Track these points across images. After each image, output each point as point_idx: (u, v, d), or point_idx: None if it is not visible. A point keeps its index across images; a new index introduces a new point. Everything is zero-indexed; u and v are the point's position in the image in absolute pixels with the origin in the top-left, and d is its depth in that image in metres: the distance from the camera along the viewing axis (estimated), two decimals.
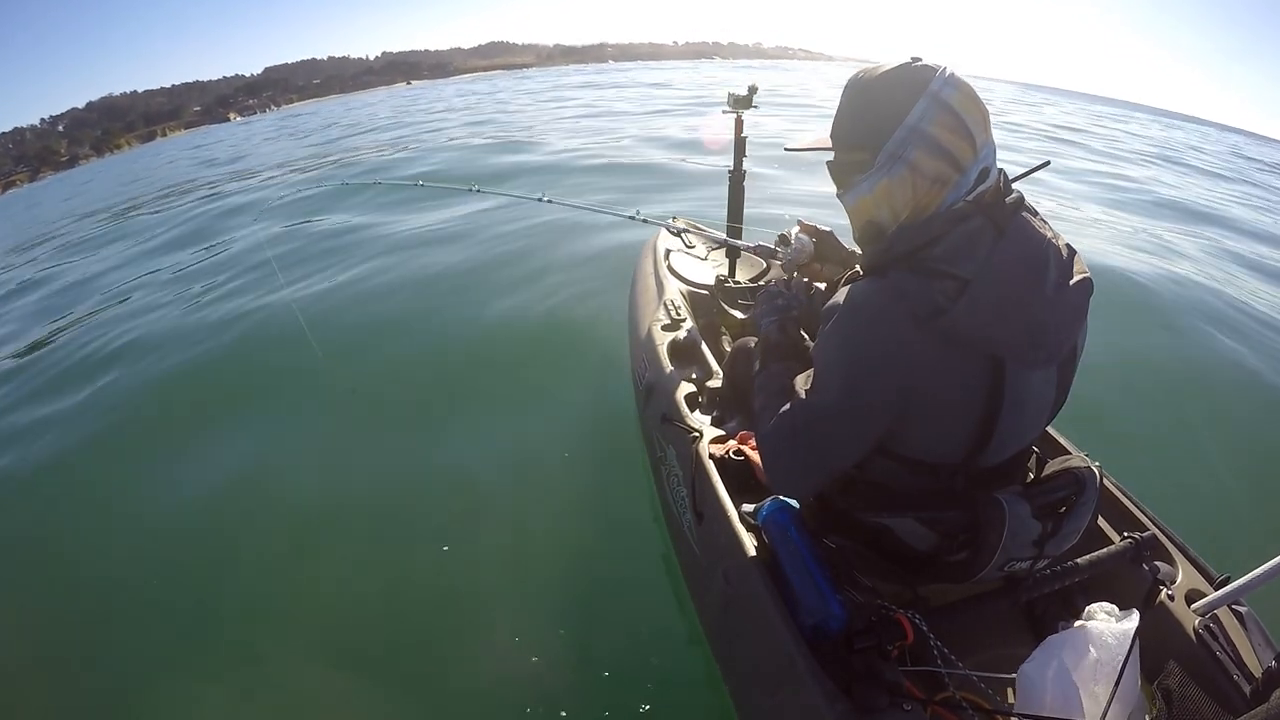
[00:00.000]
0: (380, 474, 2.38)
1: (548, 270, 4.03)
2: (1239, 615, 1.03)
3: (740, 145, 2.20)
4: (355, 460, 2.48)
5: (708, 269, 2.53)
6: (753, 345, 1.50)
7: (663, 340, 1.89)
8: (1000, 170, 0.90)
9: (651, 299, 2.24)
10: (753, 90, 2.08)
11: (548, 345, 3.18)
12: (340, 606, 1.84)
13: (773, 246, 1.53)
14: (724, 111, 2.17)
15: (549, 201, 2.48)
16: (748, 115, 2.15)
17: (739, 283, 2.27)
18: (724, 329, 2.13)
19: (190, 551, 2.16)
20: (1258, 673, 0.93)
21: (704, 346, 1.81)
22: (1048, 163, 1.08)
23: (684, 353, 1.83)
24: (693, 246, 2.79)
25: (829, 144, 0.96)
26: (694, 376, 1.70)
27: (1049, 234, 0.89)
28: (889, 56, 0.92)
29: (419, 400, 2.84)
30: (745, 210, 2.33)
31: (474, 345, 3.28)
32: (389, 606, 1.82)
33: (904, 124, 0.84)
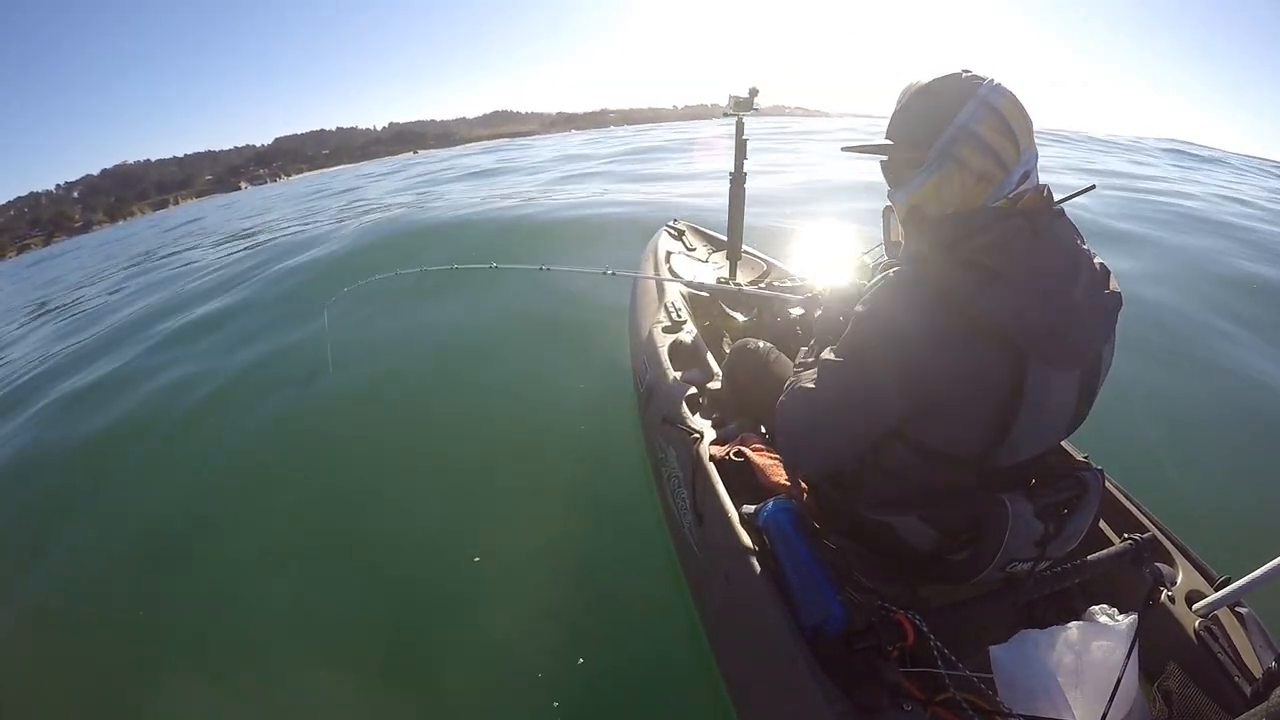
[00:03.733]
0: (378, 473, 2.39)
1: (551, 281, 4.02)
2: (1239, 616, 1.03)
3: (741, 148, 2.20)
4: (356, 461, 2.49)
5: (708, 271, 2.54)
6: (752, 347, 1.51)
7: (664, 342, 1.89)
8: (1046, 186, 0.93)
9: (652, 301, 2.24)
10: (754, 92, 2.08)
11: (548, 347, 3.19)
12: (340, 610, 1.84)
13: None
14: (725, 114, 2.17)
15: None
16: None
17: (740, 285, 2.28)
18: (725, 331, 2.14)
19: (199, 552, 2.16)
20: (1258, 673, 0.93)
21: (705, 348, 1.82)
22: (1093, 186, 1.08)
23: (685, 355, 1.83)
24: (694, 248, 2.80)
25: (882, 144, 1.00)
26: (694, 379, 1.70)
27: (1085, 247, 0.92)
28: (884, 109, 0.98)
29: (419, 403, 2.85)
30: (746, 212, 2.33)
31: (474, 348, 3.29)
32: (386, 606, 1.83)
33: (954, 122, 0.89)
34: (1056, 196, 0.95)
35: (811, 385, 0.99)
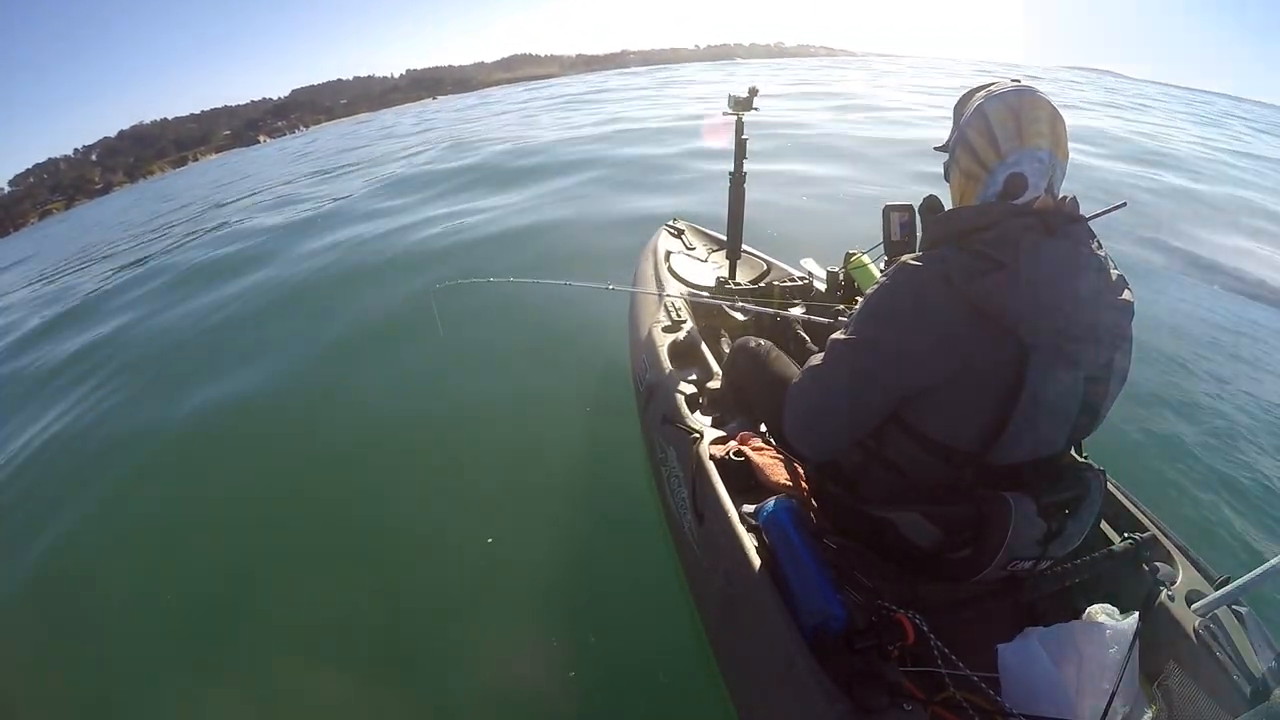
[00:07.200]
0: (376, 470, 2.39)
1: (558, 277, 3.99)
2: (1239, 615, 1.03)
3: (740, 147, 2.20)
4: (355, 458, 2.49)
5: (708, 270, 2.54)
6: (752, 346, 1.51)
7: (663, 341, 1.89)
8: (1071, 197, 0.95)
9: (652, 300, 2.24)
10: (753, 92, 2.08)
11: (548, 347, 3.18)
12: (341, 612, 1.84)
13: None
14: (724, 114, 2.17)
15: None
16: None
17: (739, 284, 2.27)
18: (724, 330, 2.14)
19: (205, 552, 2.16)
20: (1258, 672, 0.93)
21: (704, 348, 1.82)
22: (1124, 204, 1.07)
23: (684, 354, 1.83)
24: (693, 248, 2.79)
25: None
26: (694, 378, 1.70)
27: (1101, 254, 0.94)
28: (909, 48, 0.97)
29: (418, 402, 2.85)
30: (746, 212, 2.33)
31: (474, 349, 3.28)
32: (386, 608, 1.82)
33: (958, 126, 1.02)
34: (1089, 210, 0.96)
35: (819, 363, 1.03)
